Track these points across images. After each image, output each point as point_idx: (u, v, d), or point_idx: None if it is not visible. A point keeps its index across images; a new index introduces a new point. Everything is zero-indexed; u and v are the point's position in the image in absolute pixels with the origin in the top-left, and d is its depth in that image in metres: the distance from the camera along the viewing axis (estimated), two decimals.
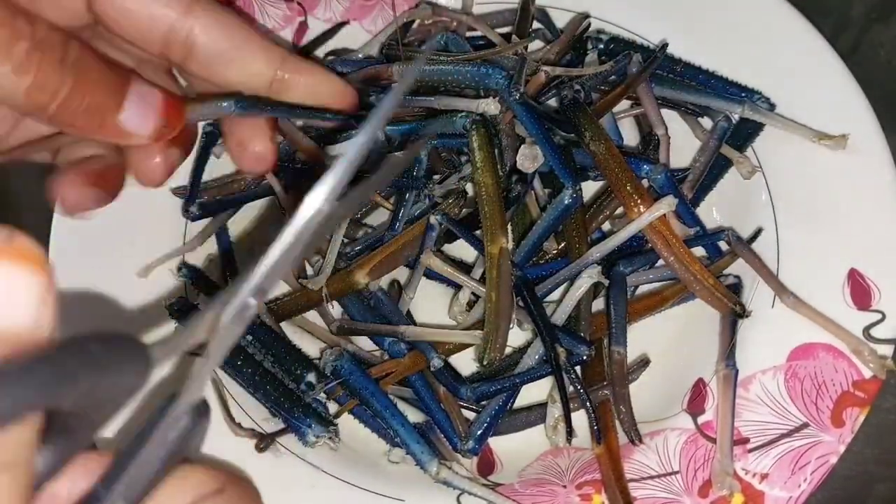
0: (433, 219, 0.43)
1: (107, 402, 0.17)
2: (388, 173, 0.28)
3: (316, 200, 0.20)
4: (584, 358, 0.41)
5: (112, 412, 0.18)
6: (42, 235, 0.46)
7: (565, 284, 0.44)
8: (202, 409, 0.21)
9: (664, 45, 0.48)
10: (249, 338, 0.44)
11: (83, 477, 0.22)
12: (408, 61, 0.48)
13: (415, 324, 0.46)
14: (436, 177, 0.47)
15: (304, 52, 0.54)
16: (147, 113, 0.30)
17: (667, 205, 0.41)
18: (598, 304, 0.44)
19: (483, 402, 0.43)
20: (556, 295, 0.44)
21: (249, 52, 0.33)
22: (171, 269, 0.47)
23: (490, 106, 0.44)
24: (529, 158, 0.43)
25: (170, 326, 0.46)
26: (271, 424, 0.44)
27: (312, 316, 0.48)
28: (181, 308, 0.45)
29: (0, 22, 0.27)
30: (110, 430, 0.37)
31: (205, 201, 0.48)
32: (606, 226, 0.47)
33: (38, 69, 0.28)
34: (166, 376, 0.39)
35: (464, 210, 0.47)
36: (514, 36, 0.50)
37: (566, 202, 0.43)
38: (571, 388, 0.40)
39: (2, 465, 0.16)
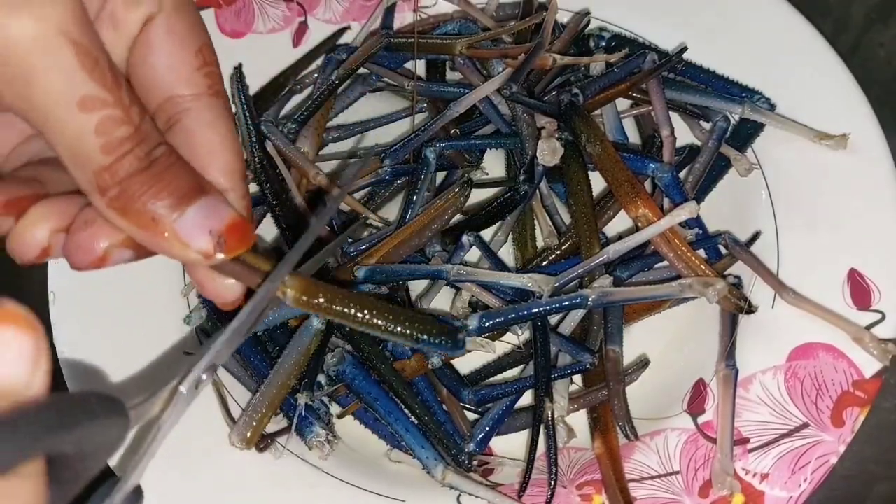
0: (465, 239, 0.44)
1: (94, 453, 0.19)
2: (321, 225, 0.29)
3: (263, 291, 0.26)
4: (588, 367, 0.41)
5: (97, 465, 0.19)
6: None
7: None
8: (136, 496, 0.22)
9: (683, 49, 0.47)
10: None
11: None
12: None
13: None
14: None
15: (306, 58, 0.54)
16: (207, 224, 0.25)
17: (688, 210, 0.41)
18: None
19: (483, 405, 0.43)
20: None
21: None
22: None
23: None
24: (549, 151, 0.43)
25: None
26: (271, 424, 0.44)
27: None
28: (209, 333, 0.46)
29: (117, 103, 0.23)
30: None
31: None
32: (612, 230, 0.47)
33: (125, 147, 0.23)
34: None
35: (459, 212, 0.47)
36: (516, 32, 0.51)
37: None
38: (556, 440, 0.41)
39: None
